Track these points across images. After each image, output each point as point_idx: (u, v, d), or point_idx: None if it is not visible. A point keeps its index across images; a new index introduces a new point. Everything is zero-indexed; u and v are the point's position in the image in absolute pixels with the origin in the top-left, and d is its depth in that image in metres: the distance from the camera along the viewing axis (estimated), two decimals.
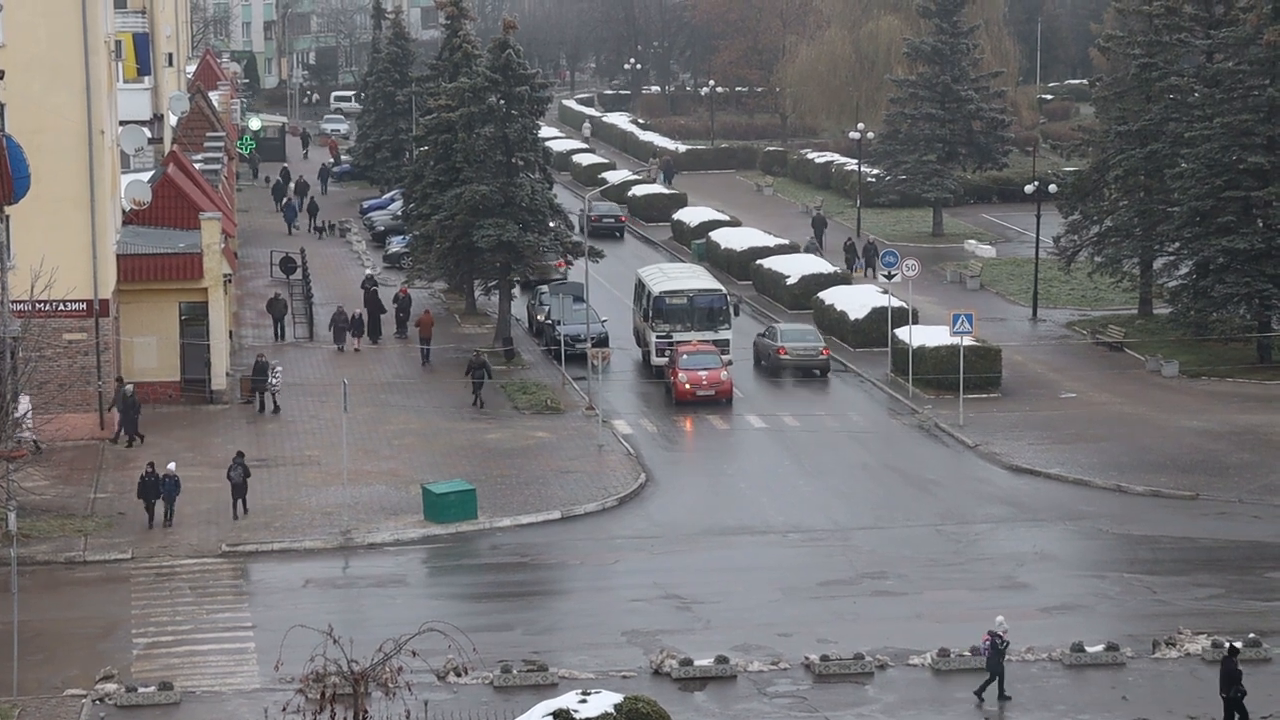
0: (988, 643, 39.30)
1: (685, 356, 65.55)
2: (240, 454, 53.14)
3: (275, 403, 63.01)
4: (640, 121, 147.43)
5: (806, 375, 69.04)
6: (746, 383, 67.58)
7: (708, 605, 45.38)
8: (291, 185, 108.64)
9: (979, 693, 39.35)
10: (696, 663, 40.95)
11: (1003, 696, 39.29)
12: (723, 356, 66.43)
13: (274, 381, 62.66)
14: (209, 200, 71.73)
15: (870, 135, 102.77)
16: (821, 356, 69.20)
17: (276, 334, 74.08)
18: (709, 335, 67.88)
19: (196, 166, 78.44)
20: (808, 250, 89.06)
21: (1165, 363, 69.09)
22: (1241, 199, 69.81)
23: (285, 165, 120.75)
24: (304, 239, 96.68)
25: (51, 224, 57.04)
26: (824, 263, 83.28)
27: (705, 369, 65.07)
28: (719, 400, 64.82)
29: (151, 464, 51.16)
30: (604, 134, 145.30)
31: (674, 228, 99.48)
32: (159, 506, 50.91)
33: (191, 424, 61.65)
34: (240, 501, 52.31)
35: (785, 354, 68.89)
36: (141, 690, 39.53)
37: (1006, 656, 39.47)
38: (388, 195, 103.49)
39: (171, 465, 51.47)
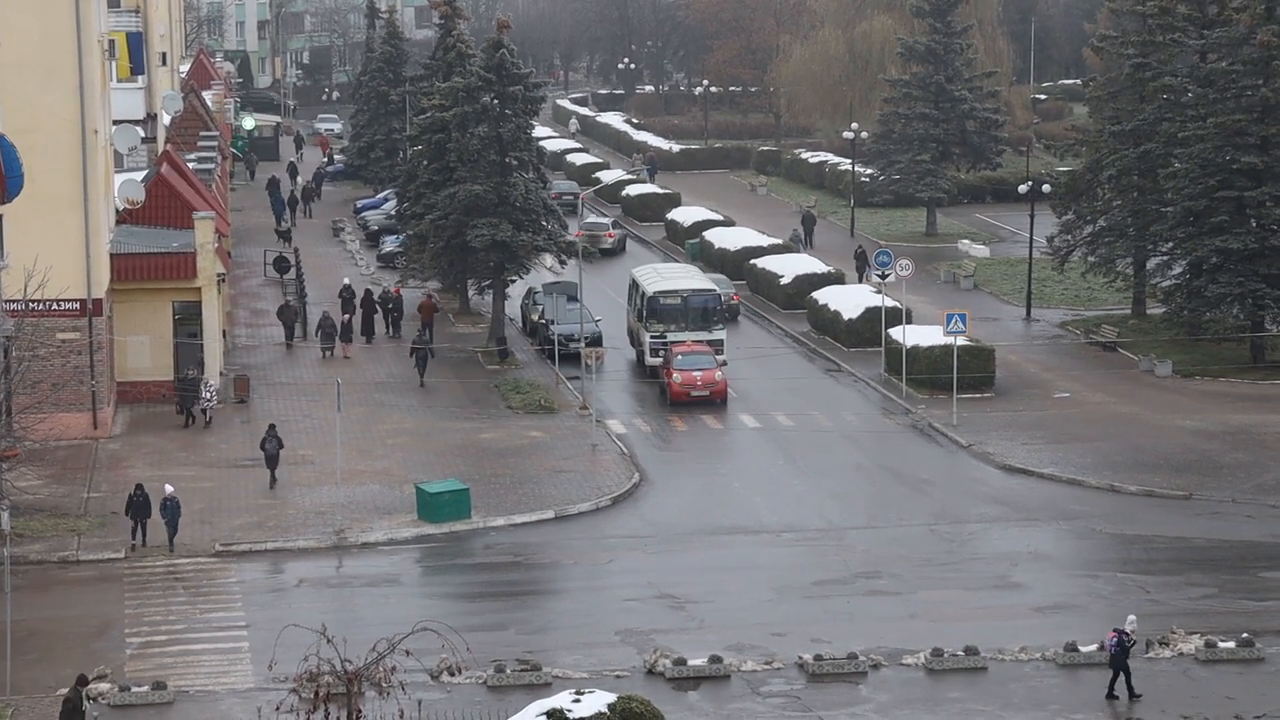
0: (1114, 640, 39.23)
1: (680, 357, 65.54)
2: (272, 426, 54.55)
3: (207, 417, 61.33)
4: (634, 121, 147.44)
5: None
6: (741, 382, 67.54)
7: (702, 605, 45.38)
8: (296, 183, 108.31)
9: (1110, 694, 39.24)
10: (690, 662, 40.94)
11: (1133, 696, 39.14)
12: (717, 357, 66.43)
13: (207, 396, 61.67)
14: (202, 200, 71.68)
15: (864, 135, 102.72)
16: (733, 302, 78.41)
17: (288, 339, 73.47)
18: (703, 335, 67.81)
19: (190, 166, 78.41)
20: (792, 240, 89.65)
21: (1159, 362, 69.09)
22: (1235, 199, 69.80)
23: (293, 160, 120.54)
24: (295, 233, 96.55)
25: (45, 223, 56.96)
26: (818, 262, 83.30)
27: (700, 369, 65.09)
28: (713, 400, 64.80)
29: (140, 485, 50.20)
30: (598, 133, 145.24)
31: (668, 227, 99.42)
32: (161, 530, 49.71)
33: (184, 423, 61.53)
34: (273, 472, 53.59)
35: None
36: (135, 690, 39.54)
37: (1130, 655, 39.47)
38: (381, 195, 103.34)
39: (169, 488, 50.05)
